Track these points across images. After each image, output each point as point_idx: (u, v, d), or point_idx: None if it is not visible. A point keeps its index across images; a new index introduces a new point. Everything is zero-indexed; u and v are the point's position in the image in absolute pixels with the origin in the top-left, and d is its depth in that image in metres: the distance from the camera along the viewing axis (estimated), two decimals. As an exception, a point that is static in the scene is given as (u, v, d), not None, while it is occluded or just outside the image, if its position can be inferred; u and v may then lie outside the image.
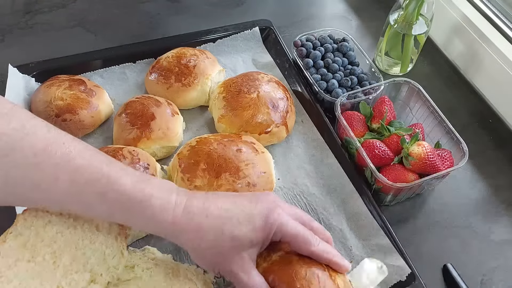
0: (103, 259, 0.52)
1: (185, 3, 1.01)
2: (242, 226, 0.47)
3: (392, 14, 0.82)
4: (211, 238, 0.47)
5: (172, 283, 0.54)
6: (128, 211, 0.46)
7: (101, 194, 0.45)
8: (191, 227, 0.47)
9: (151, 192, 0.47)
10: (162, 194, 0.47)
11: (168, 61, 0.78)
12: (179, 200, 0.48)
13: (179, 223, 0.47)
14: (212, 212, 0.48)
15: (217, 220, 0.47)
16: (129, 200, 0.46)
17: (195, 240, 0.48)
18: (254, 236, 0.48)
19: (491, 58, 0.81)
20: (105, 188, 0.45)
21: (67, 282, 0.49)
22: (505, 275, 0.64)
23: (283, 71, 0.86)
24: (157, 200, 0.46)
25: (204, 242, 0.47)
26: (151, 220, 0.47)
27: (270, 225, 0.48)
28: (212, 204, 0.48)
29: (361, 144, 0.68)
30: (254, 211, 0.48)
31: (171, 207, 0.47)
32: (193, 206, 0.48)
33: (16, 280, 0.48)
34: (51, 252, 0.50)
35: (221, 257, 0.48)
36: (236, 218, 0.48)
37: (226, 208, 0.48)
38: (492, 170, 0.76)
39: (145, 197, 0.46)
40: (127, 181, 0.46)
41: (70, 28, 0.93)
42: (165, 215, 0.47)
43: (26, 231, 0.51)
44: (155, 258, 0.56)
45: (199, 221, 0.47)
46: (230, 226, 0.47)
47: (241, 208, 0.49)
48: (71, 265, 0.50)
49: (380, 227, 0.64)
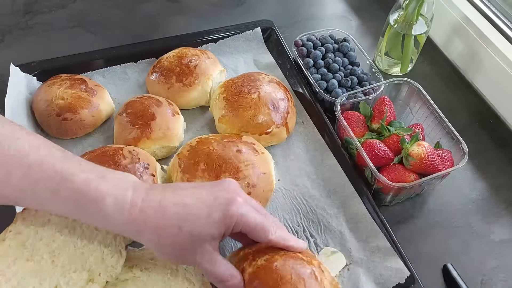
0: (101, 259, 0.52)
1: (185, 3, 1.01)
2: (201, 221, 0.47)
3: (392, 14, 0.82)
4: (170, 236, 0.46)
5: (171, 283, 0.54)
6: (82, 210, 0.45)
7: (54, 192, 0.44)
8: (148, 227, 0.46)
9: (106, 190, 0.45)
10: (117, 192, 0.46)
11: (169, 61, 0.78)
12: (135, 198, 0.46)
13: (135, 224, 0.46)
14: (169, 210, 0.46)
15: (174, 218, 0.46)
16: (83, 199, 0.45)
17: (153, 239, 0.47)
18: (214, 230, 0.47)
19: (491, 58, 0.81)
20: (57, 185, 0.44)
21: (65, 281, 0.49)
22: (505, 275, 0.64)
23: (284, 71, 0.86)
24: (112, 200, 0.45)
25: (162, 240, 0.47)
26: (106, 219, 0.46)
27: (230, 217, 0.47)
28: (170, 201, 0.47)
29: (361, 144, 0.68)
30: (213, 203, 0.47)
31: (127, 207, 0.46)
32: (150, 205, 0.46)
33: (14, 279, 0.48)
34: (50, 251, 0.50)
35: (182, 252, 0.48)
36: (195, 214, 0.47)
37: (184, 204, 0.47)
38: (492, 170, 0.75)
39: (99, 196, 0.45)
40: (81, 178, 0.45)
41: (70, 28, 0.93)
42: (120, 216, 0.45)
43: (25, 230, 0.51)
44: (153, 258, 0.56)
45: (156, 221, 0.46)
46: (188, 222, 0.46)
47: (199, 201, 0.47)
48: (69, 264, 0.50)
49: (379, 228, 0.64)
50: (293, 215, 0.67)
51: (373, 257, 0.62)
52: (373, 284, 0.60)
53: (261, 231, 0.49)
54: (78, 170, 0.45)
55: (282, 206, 0.68)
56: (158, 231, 0.46)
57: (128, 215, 0.46)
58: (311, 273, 0.49)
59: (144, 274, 0.54)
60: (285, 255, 0.51)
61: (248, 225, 0.48)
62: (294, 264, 0.50)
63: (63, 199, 0.45)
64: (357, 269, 0.62)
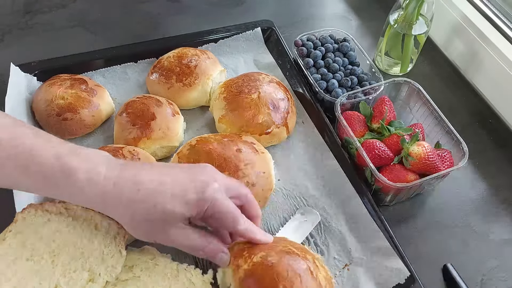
0: (101, 259, 0.52)
1: (185, 3, 1.01)
2: (175, 200, 0.46)
3: (392, 14, 0.82)
4: (143, 212, 0.46)
5: (171, 283, 0.54)
6: (53, 185, 0.45)
7: (23, 168, 0.44)
8: (122, 201, 0.46)
9: (78, 165, 0.45)
10: (89, 167, 0.45)
11: (169, 61, 0.78)
12: (109, 173, 0.46)
13: (109, 198, 0.46)
14: (144, 186, 0.46)
15: (149, 194, 0.46)
16: (53, 174, 0.44)
17: (126, 213, 0.47)
18: (186, 210, 0.47)
19: (491, 58, 0.81)
20: (27, 161, 0.44)
21: (65, 281, 0.49)
22: (505, 275, 0.64)
23: (284, 71, 0.86)
24: (84, 174, 0.45)
25: (136, 215, 0.47)
26: (79, 193, 0.45)
27: (204, 201, 0.47)
28: (146, 176, 0.47)
29: (361, 144, 0.68)
30: (189, 185, 0.47)
31: (100, 181, 0.45)
32: (124, 179, 0.46)
33: (14, 279, 0.48)
34: (50, 251, 0.51)
35: (154, 228, 0.48)
36: (170, 192, 0.46)
37: (159, 181, 0.47)
38: (492, 170, 0.75)
39: (71, 171, 0.44)
40: (52, 153, 0.44)
41: (70, 28, 0.93)
42: (93, 189, 0.45)
43: (25, 230, 0.51)
44: (154, 258, 0.56)
45: (130, 195, 0.46)
46: (162, 199, 0.46)
47: (175, 181, 0.47)
48: (69, 264, 0.50)
49: (379, 228, 0.64)
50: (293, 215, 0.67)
51: (373, 257, 0.62)
52: (373, 284, 0.60)
53: (231, 219, 0.50)
54: (49, 145, 0.45)
55: (282, 206, 0.68)
56: (132, 206, 0.46)
57: (102, 188, 0.45)
58: (306, 268, 0.50)
59: (144, 274, 0.54)
60: (280, 251, 0.51)
61: (220, 211, 0.49)
62: (289, 260, 0.50)
63: (33, 175, 0.44)
64: (357, 269, 0.62)
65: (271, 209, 0.67)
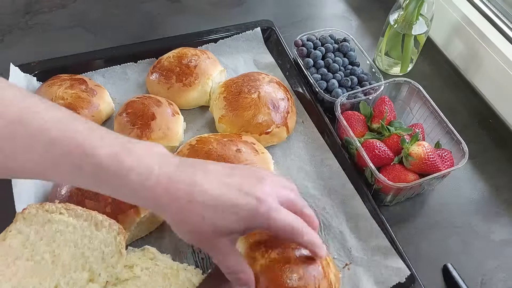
0: (101, 258, 0.52)
1: (185, 3, 1.01)
2: (225, 215, 0.45)
3: (392, 14, 0.82)
4: (192, 222, 0.45)
5: (171, 283, 0.54)
6: (106, 184, 0.44)
7: (77, 167, 0.43)
8: (172, 208, 0.45)
9: (131, 166, 0.44)
10: (142, 168, 0.44)
11: (169, 61, 0.78)
12: (161, 175, 0.45)
13: (160, 202, 0.45)
14: (195, 198, 0.45)
15: (199, 207, 0.45)
16: (106, 174, 0.43)
17: (175, 220, 0.46)
18: (236, 226, 0.46)
19: (491, 58, 0.81)
20: (80, 160, 0.43)
21: (65, 281, 0.49)
22: (505, 275, 0.64)
23: (284, 71, 0.86)
24: (136, 176, 0.44)
25: (183, 225, 0.46)
26: (130, 194, 0.45)
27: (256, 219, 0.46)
28: (198, 186, 0.45)
29: (361, 144, 0.68)
30: (242, 201, 0.46)
31: (152, 183, 0.44)
32: (177, 186, 0.45)
33: (15, 279, 0.48)
34: (50, 251, 0.51)
35: (200, 239, 0.47)
36: (221, 209, 0.45)
37: (211, 195, 0.45)
38: (492, 170, 0.75)
39: (123, 172, 0.43)
40: (105, 152, 0.43)
41: (70, 28, 0.93)
42: (145, 192, 0.44)
43: (26, 230, 0.51)
44: (154, 258, 0.56)
45: (181, 204, 0.45)
46: (212, 214, 0.45)
47: (228, 195, 0.46)
48: (69, 264, 0.50)
49: (379, 228, 0.64)
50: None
51: (373, 257, 0.62)
52: (373, 283, 0.60)
53: (290, 234, 0.47)
54: (102, 144, 0.44)
55: (282, 206, 0.68)
56: (180, 216, 0.45)
57: (153, 192, 0.44)
58: (321, 269, 0.51)
59: (145, 274, 0.54)
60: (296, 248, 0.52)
61: (276, 228, 0.47)
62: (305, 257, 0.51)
63: (86, 174, 0.44)
64: (357, 269, 0.62)
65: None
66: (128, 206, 0.59)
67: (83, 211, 0.55)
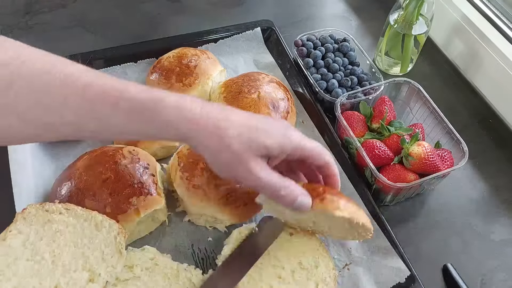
0: (101, 259, 0.52)
1: (185, 3, 1.01)
2: (260, 132, 0.48)
3: (392, 14, 0.82)
4: (229, 138, 0.46)
5: (171, 283, 0.54)
6: (142, 118, 0.46)
7: (113, 105, 0.45)
8: (210, 126, 0.46)
9: (163, 95, 0.46)
10: (175, 97, 0.47)
11: (169, 61, 0.78)
12: (194, 103, 0.47)
13: (198, 123, 0.46)
14: (231, 117, 0.47)
15: (236, 124, 0.47)
16: (143, 106, 0.45)
17: (212, 139, 0.47)
18: (269, 144, 0.48)
19: (491, 58, 0.81)
20: (116, 98, 0.45)
21: (65, 281, 0.49)
22: (505, 275, 0.64)
23: (284, 71, 0.86)
24: (171, 102, 0.46)
25: (222, 143, 0.47)
26: (167, 123, 0.46)
27: (289, 139, 0.49)
28: (230, 111, 0.48)
29: (361, 144, 0.68)
30: (274, 125, 0.50)
31: (188, 107, 0.46)
32: (211, 109, 0.47)
33: (15, 279, 0.48)
34: (50, 251, 0.51)
35: (239, 160, 0.47)
36: (255, 126, 0.48)
37: (246, 117, 0.48)
38: (492, 170, 0.75)
39: (158, 100, 0.46)
40: (136, 89, 0.46)
41: (70, 28, 0.93)
42: (182, 113, 0.46)
43: (26, 230, 0.51)
44: (154, 258, 0.56)
45: (218, 122, 0.47)
46: (248, 130, 0.47)
47: (260, 120, 0.49)
48: (69, 264, 0.50)
49: (379, 228, 0.64)
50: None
51: (373, 257, 0.62)
52: (373, 284, 0.60)
53: (319, 154, 0.51)
54: (129, 84, 0.46)
55: (282, 206, 0.68)
56: (219, 133, 0.46)
57: (191, 114, 0.46)
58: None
59: (145, 274, 0.54)
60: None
61: (306, 149, 0.50)
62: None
63: (123, 110, 0.45)
64: (357, 269, 0.62)
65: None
66: (128, 206, 0.59)
67: (83, 211, 0.55)
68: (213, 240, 0.64)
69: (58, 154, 0.71)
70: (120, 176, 0.60)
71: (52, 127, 0.46)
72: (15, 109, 0.43)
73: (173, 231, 0.65)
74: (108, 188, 0.59)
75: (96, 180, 0.59)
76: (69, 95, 0.44)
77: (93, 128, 0.47)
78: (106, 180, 0.59)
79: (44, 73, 0.44)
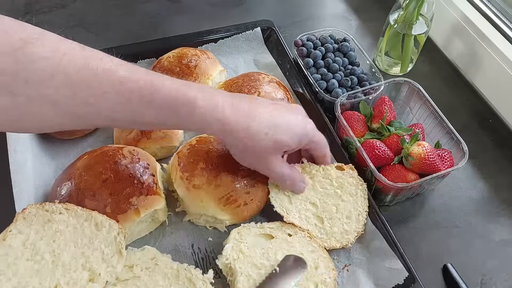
0: (102, 258, 0.52)
1: (185, 3, 1.01)
2: (284, 132, 0.55)
3: (392, 14, 0.82)
4: (257, 139, 0.54)
5: (171, 283, 0.54)
6: (176, 114, 0.49)
7: (148, 101, 0.48)
8: (240, 127, 0.53)
9: (196, 94, 0.50)
10: (207, 96, 0.51)
11: (169, 61, 0.78)
12: (225, 102, 0.52)
13: (229, 123, 0.52)
14: (258, 118, 0.54)
15: (263, 124, 0.54)
16: (176, 104, 0.49)
17: (243, 139, 0.54)
18: (291, 141, 0.56)
19: (491, 58, 0.81)
20: (151, 94, 0.48)
21: (65, 281, 0.49)
22: (506, 275, 0.64)
23: (284, 71, 0.86)
24: (204, 102, 0.50)
25: (250, 142, 0.54)
26: (201, 121, 0.51)
27: (307, 134, 0.58)
28: (257, 110, 0.54)
29: (361, 144, 0.68)
30: (294, 121, 0.57)
31: (219, 108, 0.51)
32: (240, 109, 0.53)
33: (15, 279, 0.48)
34: (50, 251, 0.51)
35: (261, 157, 0.56)
36: (279, 126, 0.55)
37: (271, 115, 0.55)
38: (492, 170, 0.75)
39: (190, 99, 0.49)
40: (171, 85, 0.49)
41: (70, 28, 0.93)
42: (214, 115, 0.51)
43: (26, 230, 0.51)
44: (154, 258, 0.56)
45: (248, 123, 0.53)
46: (273, 131, 0.54)
47: (283, 117, 0.56)
48: (70, 264, 0.50)
49: (379, 229, 0.64)
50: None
51: (373, 258, 0.62)
52: (372, 285, 0.60)
53: (323, 146, 0.63)
54: (164, 79, 0.50)
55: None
56: (248, 134, 0.53)
57: (223, 115, 0.51)
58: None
59: (145, 274, 0.54)
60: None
61: (319, 142, 0.62)
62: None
63: (157, 106, 0.48)
64: (357, 270, 0.62)
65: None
66: (128, 206, 0.59)
67: (83, 211, 0.55)
68: (213, 240, 0.64)
69: (58, 154, 0.71)
70: (120, 176, 0.60)
71: (86, 119, 0.48)
72: (52, 100, 0.45)
73: (173, 231, 0.65)
74: (108, 188, 0.59)
75: (96, 180, 0.59)
76: (106, 90, 0.46)
77: (127, 120, 0.49)
78: (106, 180, 0.59)
79: (82, 68, 0.45)
